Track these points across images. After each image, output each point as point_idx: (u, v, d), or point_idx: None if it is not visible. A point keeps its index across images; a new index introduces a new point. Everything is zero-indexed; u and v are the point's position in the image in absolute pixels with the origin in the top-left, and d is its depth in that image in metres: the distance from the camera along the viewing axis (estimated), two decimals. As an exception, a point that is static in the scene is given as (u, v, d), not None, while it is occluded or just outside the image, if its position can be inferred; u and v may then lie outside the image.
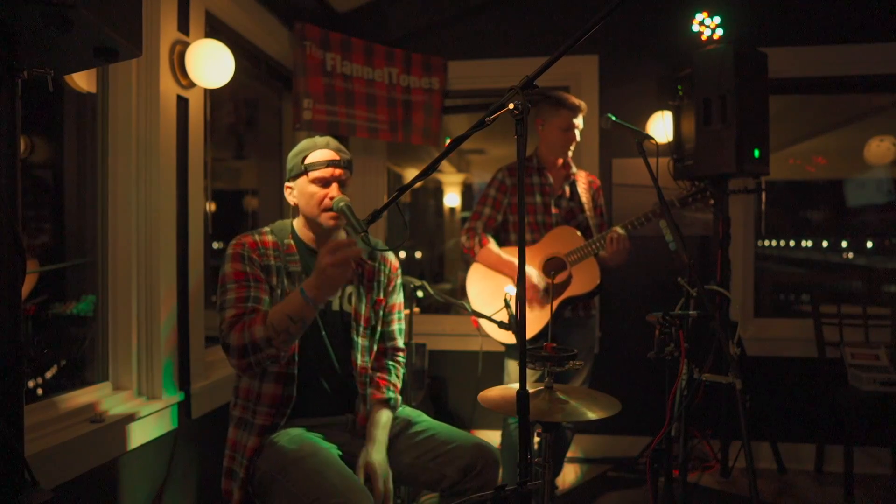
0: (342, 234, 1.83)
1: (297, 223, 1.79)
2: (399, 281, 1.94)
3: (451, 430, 1.75)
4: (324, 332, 1.73)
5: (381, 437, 1.69)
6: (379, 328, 1.87)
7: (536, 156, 2.62)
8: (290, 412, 1.67)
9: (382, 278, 1.87)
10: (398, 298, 1.93)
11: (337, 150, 1.72)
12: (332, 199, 1.67)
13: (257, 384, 1.66)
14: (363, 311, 1.80)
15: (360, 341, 1.79)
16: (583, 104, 2.56)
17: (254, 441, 1.62)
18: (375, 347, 1.86)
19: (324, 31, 3.07)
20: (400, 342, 1.94)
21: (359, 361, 1.77)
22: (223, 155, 3.48)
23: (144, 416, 1.98)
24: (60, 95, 2.03)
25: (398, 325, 1.93)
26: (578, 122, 2.55)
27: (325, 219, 1.69)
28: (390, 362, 1.90)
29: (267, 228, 1.76)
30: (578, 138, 2.58)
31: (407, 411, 1.87)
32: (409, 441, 1.74)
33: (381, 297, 1.86)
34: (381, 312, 1.87)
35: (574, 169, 2.65)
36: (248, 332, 1.50)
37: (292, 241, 1.74)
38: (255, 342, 1.49)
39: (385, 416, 1.75)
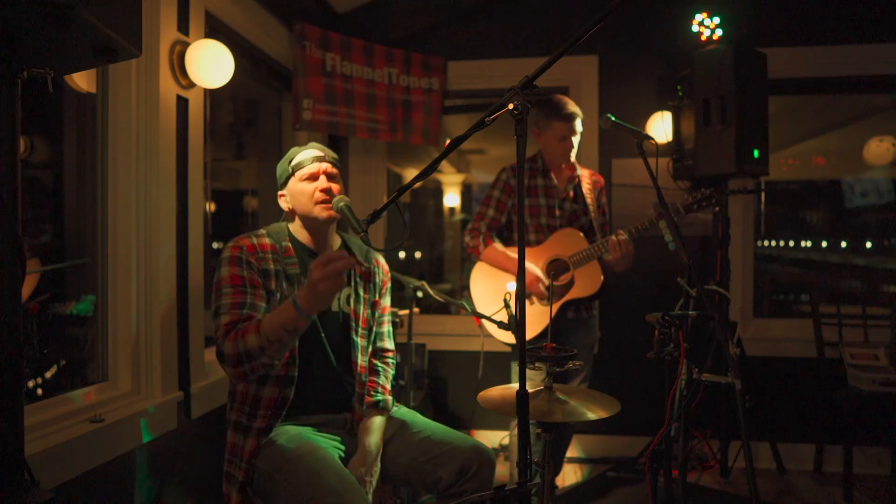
0: (336, 240, 1.84)
1: (294, 226, 1.80)
2: (390, 284, 1.96)
3: (447, 431, 1.75)
4: (323, 334, 1.73)
5: (374, 442, 1.71)
6: (374, 328, 1.88)
7: (541, 157, 2.61)
8: (288, 412, 1.68)
9: (377, 280, 1.89)
10: (388, 301, 1.96)
11: (320, 149, 1.76)
12: (322, 191, 1.69)
13: (255, 388, 1.66)
14: (361, 312, 1.81)
15: (360, 341, 1.80)
16: (577, 111, 2.49)
17: (252, 444, 1.63)
18: (371, 348, 1.87)
19: (324, 31, 3.07)
20: (388, 343, 1.95)
21: (358, 361, 1.78)
22: (223, 155, 3.49)
23: (144, 416, 1.98)
24: (60, 95, 2.03)
25: (387, 328, 1.95)
26: (577, 127, 2.49)
27: (320, 210, 1.70)
28: (379, 363, 1.90)
29: (263, 231, 1.75)
30: (575, 145, 2.53)
31: (402, 412, 1.87)
32: (405, 442, 1.74)
33: (377, 298, 1.88)
34: (376, 313, 1.88)
35: (579, 171, 2.63)
36: (241, 342, 1.49)
37: (290, 244, 1.74)
38: (249, 351, 1.48)
39: (378, 421, 1.76)
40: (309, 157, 1.73)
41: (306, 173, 1.71)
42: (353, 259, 1.47)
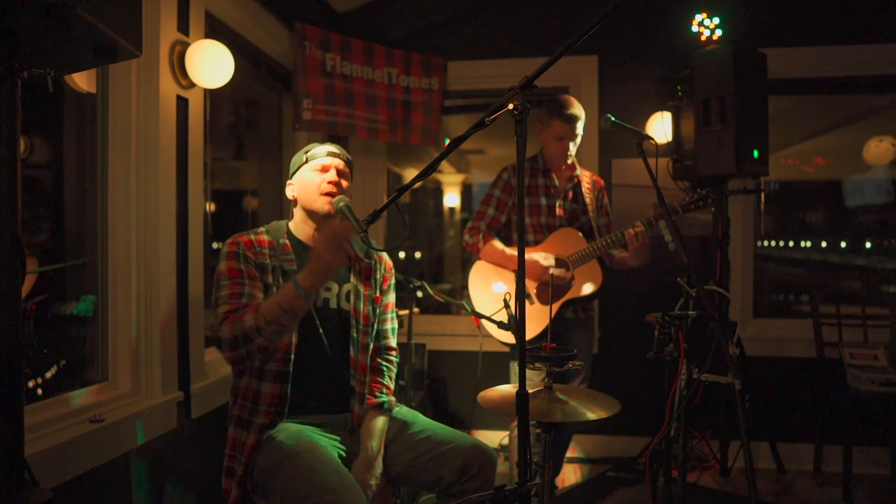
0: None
1: (294, 222, 1.83)
2: (393, 280, 1.96)
3: (448, 430, 1.75)
4: (321, 330, 1.74)
5: (376, 445, 1.70)
6: (376, 326, 1.88)
7: (542, 157, 2.61)
8: (288, 410, 1.68)
9: (378, 276, 1.90)
10: (392, 298, 1.96)
11: (337, 148, 1.83)
12: (329, 182, 1.74)
13: (256, 383, 1.67)
14: (362, 309, 1.82)
15: (360, 339, 1.80)
16: (579, 114, 2.46)
17: (253, 439, 1.63)
18: (372, 345, 1.87)
19: (324, 31, 3.07)
20: (392, 341, 1.95)
21: (357, 359, 1.78)
22: (223, 155, 3.49)
23: (144, 416, 1.98)
24: (60, 95, 2.03)
25: (391, 325, 1.95)
26: (577, 130, 2.47)
27: (322, 203, 1.73)
28: (383, 362, 1.91)
29: (262, 228, 1.79)
30: (573, 150, 2.51)
31: (403, 412, 1.87)
32: (406, 442, 1.74)
33: (378, 294, 1.88)
34: (377, 310, 1.88)
35: (579, 171, 2.63)
36: (238, 323, 1.53)
37: (287, 241, 1.77)
38: (245, 332, 1.51)
39: (381, 422, 1.76)
40: (324, 151, 1.79)
41: (318, 164, 1.77)
42: (354, 228, 1.50)
